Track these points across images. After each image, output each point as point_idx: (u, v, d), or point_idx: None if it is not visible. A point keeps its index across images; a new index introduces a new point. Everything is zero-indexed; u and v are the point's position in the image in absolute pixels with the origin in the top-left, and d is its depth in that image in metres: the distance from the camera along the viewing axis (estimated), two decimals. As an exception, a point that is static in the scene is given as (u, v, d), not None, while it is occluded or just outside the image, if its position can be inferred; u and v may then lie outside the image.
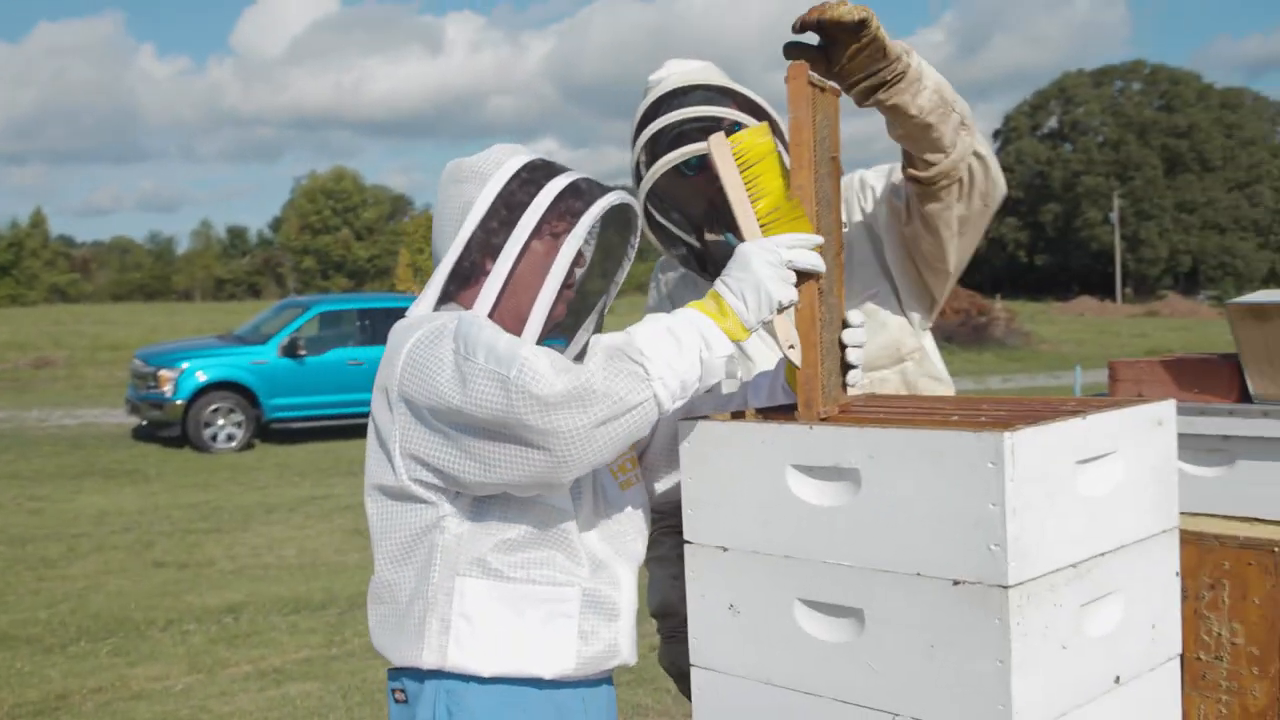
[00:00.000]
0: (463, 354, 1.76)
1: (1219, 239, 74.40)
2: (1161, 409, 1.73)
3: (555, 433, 1.67)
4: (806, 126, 1.75)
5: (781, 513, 1.66)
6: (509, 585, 1.89)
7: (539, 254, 1.97)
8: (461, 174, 2.03)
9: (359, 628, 7.07)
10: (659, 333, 1.74)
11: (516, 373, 1.68)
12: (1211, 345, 29.25)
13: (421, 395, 1.81)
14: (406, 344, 1.87)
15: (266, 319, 17.47)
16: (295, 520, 10.46)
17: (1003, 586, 1.45)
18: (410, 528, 1.91)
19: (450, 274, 1.98)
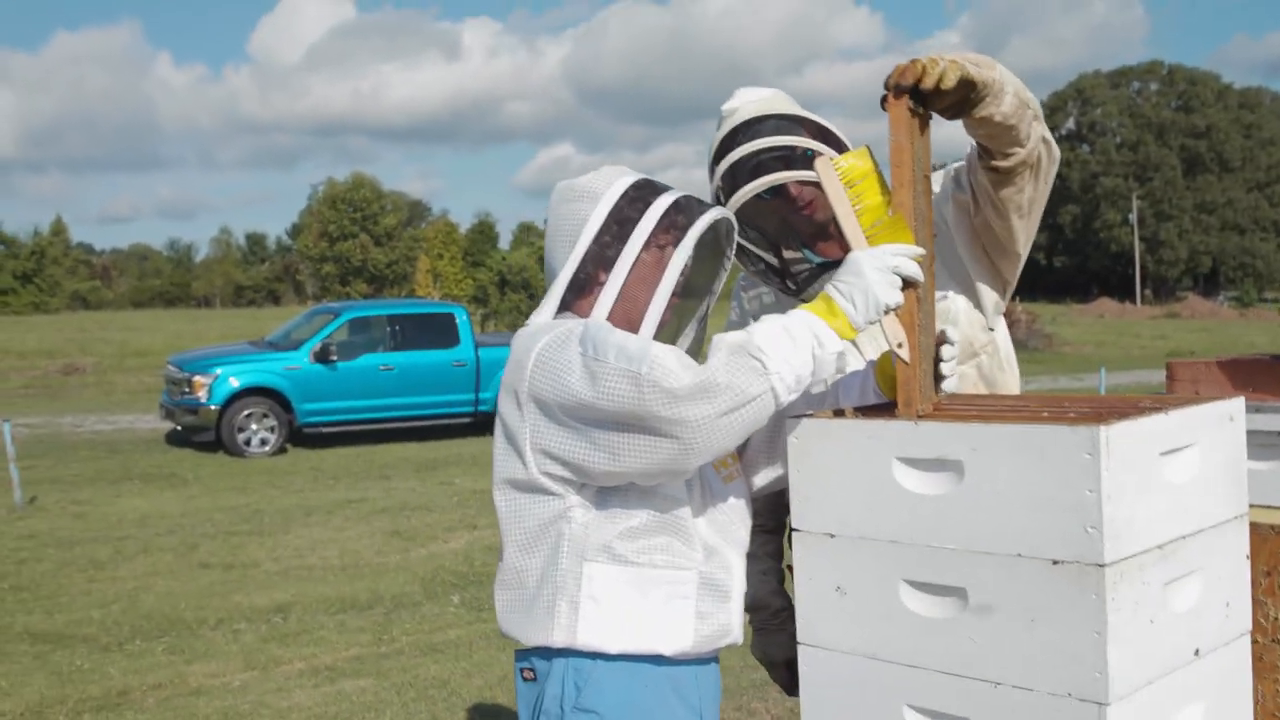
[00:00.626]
0: (592, 355, 1.93)
1: (1239, 239, 74.27)
2: (1232, 406, 1.89)
3: (683, 421, 1.85)
4: (907, 149, 1.91)
5: (887, 501, 1.83)
6: (633, 569, 2.06)
7: (648, 265, 2.15)
8: (574, 194, 2.22)
9: (406, 626, 7.25)
10: (776, 331, 1.91)
11: (648, 369, 1.85)
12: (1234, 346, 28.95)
13: (552, 394, 1.98)
14: (535, 348, 2.04)
15: (298, 325, 17.68)
16: (334, 523, 10.64)
17: (1099, 565, 1.61)
18: (538, 518, 2.08)
19: (569, 285, 2.17)
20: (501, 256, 32.80)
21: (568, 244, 2.19)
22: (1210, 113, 73.91)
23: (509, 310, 29.49)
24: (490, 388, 16.82)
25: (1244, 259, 74.18)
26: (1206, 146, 73.98)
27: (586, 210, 2.18)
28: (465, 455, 15.15)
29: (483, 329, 26.32)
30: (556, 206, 2.25)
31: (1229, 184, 74.19)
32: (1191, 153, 74.52)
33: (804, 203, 2.42)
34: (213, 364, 15.70)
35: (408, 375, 16.41)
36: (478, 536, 9.88)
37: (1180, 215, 73.99)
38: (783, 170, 2.38)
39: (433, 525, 10.41)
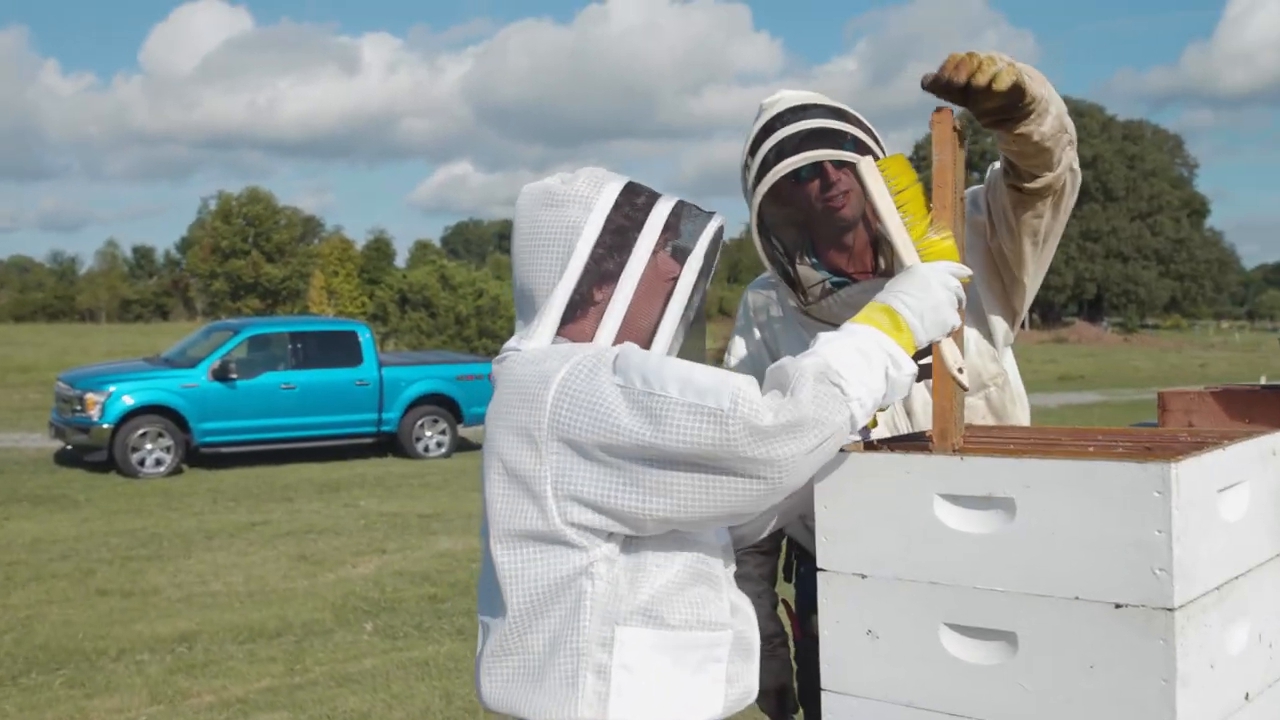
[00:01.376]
0: (642, 389, 1.71)
1: (1122, 267, 76.43)
2: (1274, 440, 1.83)
3: (772, 461, 1.65)
4: (950, 169, 1.82)
5: (927, 541, 1.72)
6: (672, 633, 1.82)
7: (654, 279, 1.95)
8: (557, 199, 1.96)
9: (318, 655, 7.01)
10: (849, 351, 1.74)
11: (731, 405, 1.65)
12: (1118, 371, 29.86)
13: (591, 434, 1.73)
14: (553, 381, 1.79)
15: (195, 342, 17.21)
16: (238, 546, 10.30)
17: (1168, 609, 1.52)
18: (553, 574, 1.81)
19: (568, 303, 1.93)
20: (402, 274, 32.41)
21: (556, 257, 1.93)
22: (1096, 144, 75.95)
23: (410, 329, 29.09)
24: (393, 407, 16.55)
25: (1127, 286, 76.28)
26: (1092, 177, 75.93)
27: (578, 218, 1.93)
28: (370, 476, 14.84)
29: (382, 348, 25.93)
30: (533, 212, 1.98)
31: (1113, 213, 76.27)
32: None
33: (839, 192, 2.31)
34: (106, 381, 15.18)
35: (309, 394, 16.06)
36: (388, 561, 9.63)
37: (1067, 243, 75.77)
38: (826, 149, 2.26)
39: (340, 549, 10.14)
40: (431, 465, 16.01)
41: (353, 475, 14.94)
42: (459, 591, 8.48)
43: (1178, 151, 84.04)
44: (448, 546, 10.14)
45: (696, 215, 2.00)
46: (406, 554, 9.89)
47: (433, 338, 28.92)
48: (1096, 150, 75.90)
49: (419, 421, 16.84)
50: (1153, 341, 57.22)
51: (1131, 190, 76.75)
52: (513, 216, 2.04)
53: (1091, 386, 30.74)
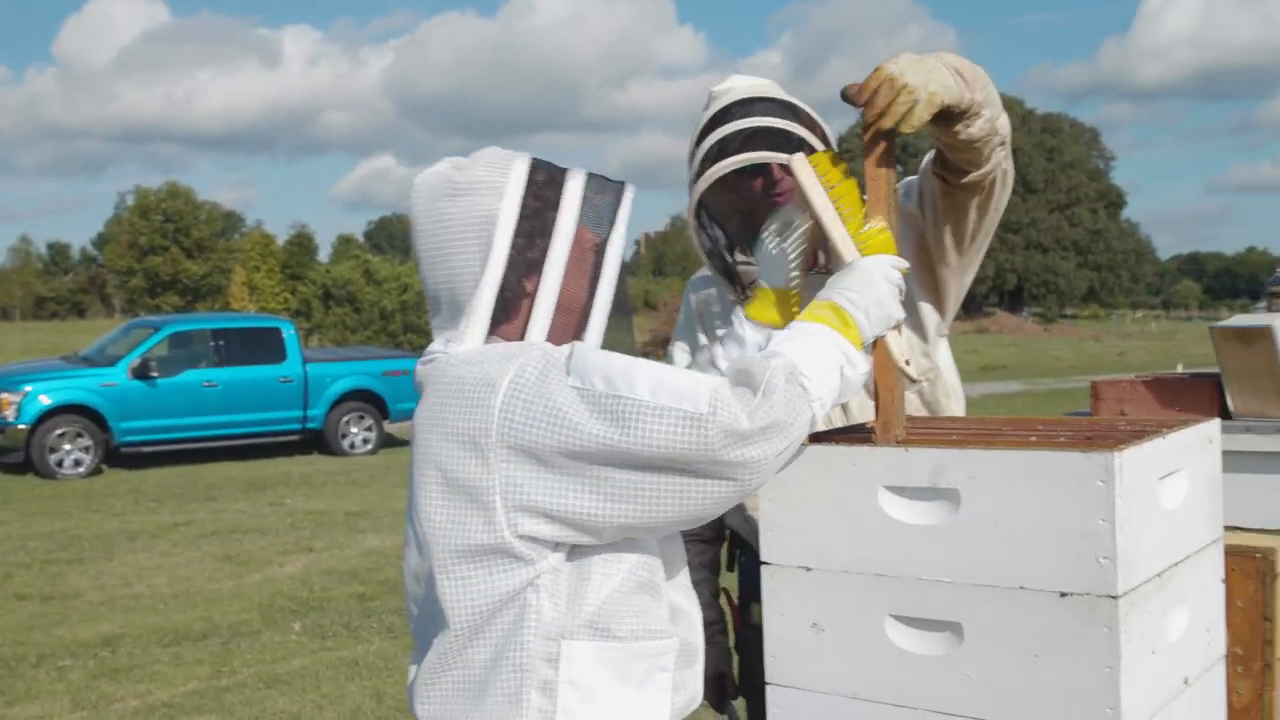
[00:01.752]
0: (605, 391, 1.64)
1: (1042, 258, 77.58)
2: (1211, 428, 1.85)
3: (746, 464, 1.61)
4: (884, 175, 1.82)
5: (872, 532, 1.72)
6: (619, 644, 1.76)
7: (580, 259, 1.86)
8: (458, 187, 1.84)
9: (246, 657, 6.91)
10: (808, 351, 1.72)
11: (710, 409, 1.60)
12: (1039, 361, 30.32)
13: (549, 439, 1.65)
14: (499, 385, 1.70)
15: (114, 340, 16.86)
16: (161, 548, 10.12)
17: (1112, 597, 1.53)
18: (498, 589, 1.73)
19: (496, 300, 1.82)
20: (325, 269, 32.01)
21: (475, 251, 1.81)
22: (1016, 136, 75.95)
23: (334, 324, 28.76)
24: (318, 404, 16.36)
25: (1047, 276, 77.46)
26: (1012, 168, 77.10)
27: (490, 206, 1.80)
28: (295, 474, 14.65)
29: (306, 344, 25.63)
30: (436, 205, 1.85)
31: (1032, 205, 77.37)
32: (998, 174, 77.57)
33: (783, 191, 2.28)
34: (22, 380, 14.83)
35: (232, 392, 15.82)
36: (315, 560, 9.52)
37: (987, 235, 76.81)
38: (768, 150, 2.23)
39: (266, 549, 10.00)
40: (358, 462, 15.85)
41: (278, 473, 14.74)
42: (388, 589, 8.40)
43: (1095, 144, 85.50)
44: (376, 544, 10.04)
45: (609, 186, 1.90)
46: (334, 552, 9.78)
47: (357, 333, 28.63)
48: (1016, 143, 75.93)
49: (345, 418, 16.66)
50: (1072, 331, 58.18)
51: (1050, 182, 77.93)
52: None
53: (1014, 376, 31.16)
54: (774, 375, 1.65)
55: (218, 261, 67.96)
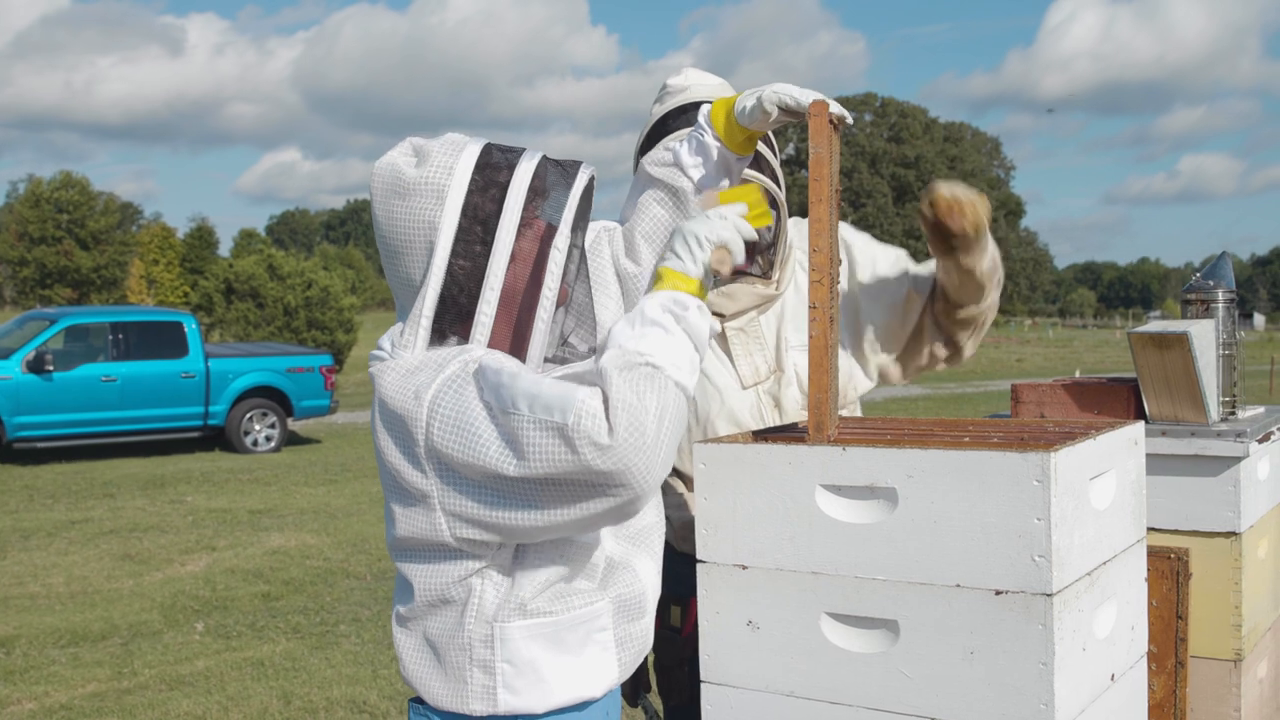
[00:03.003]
0: (499, 407, 1.69)
1: (943, 265, 78.99)
2: (1136, 431, 1.89)
3: (624, 471, 1.62)
4: (826, 162, 1.83)
5: (809, 531, 1.73)
6: (548, 619, 1.84)
7: (524, 261, 1.86)
8: (406, 186, 1.85)
9: (147, 658, 6.75)
10: (632, 328, 1.73)
11: (575, 420, 1.63)
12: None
13: (463, 453, 1.72)
14: (426, 393, 1.76)
15: (8, 332, 16.38)
16: (57, 546, 9.86)
17: (1046, 594, 1.56)
18: (449, 575, 1.84)
19: (438, 305, 1.85)
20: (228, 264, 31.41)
21: (417, 257, 1.85)
22: (919, 144, 78.32)
23: (236, 319, 28.20)
24: (220, 400, 16.08)
25: (948, 283, 78.98)
26: (915, 176, 78.29)
27: (432, 212, 1.82)
28: (196, 471, 14.36)
29: (208, 339, 25.17)
30: (386, 203, 1.87)
31: (934, 212, 78.77)
32: (901, 181, 78.71)
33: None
34: (-92, 373, 14.38)
35: (132, 386, 15.47)
36: (218, 558, 9.34)
37: (891, 240, 77.77)
38: None
39: (167, 547, 9.79)
40: (261, 460, 15.59)
41: (178, 470, 14.44)
42: (293, 589, 8.27)
43: (996, 154, 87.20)
44: (280, 543, 9.88)
45: (558, 177, 1.89)
46: (237, 551, 9.60)
47: (260, 329, 28.15)
48: (919, 151, 78.21)
49: (248, 415, 16.38)
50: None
51: (952, 190, 79.29)
52: (341, 206, 1.97)
53: (915, 381, 31.61)
54: (605, 373, 1.67)
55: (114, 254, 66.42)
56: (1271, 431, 2.61)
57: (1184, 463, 2.49)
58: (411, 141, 1.92)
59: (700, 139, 2.07)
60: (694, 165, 2.08)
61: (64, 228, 65.22)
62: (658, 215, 2.11)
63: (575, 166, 1.91)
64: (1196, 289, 2.63)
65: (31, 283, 65.20)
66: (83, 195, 66.04)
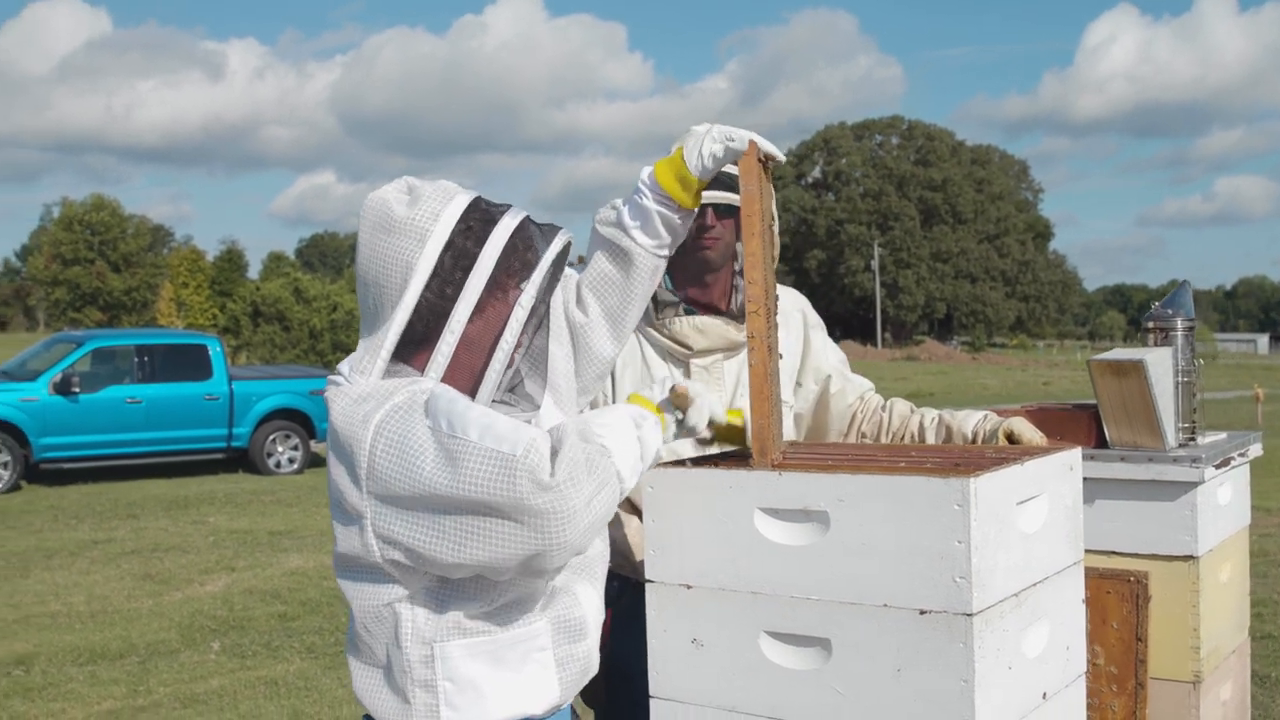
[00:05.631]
0: (447, 431, 1.75)
1: (971, 288, 78.78)
2: (1072, 456, 1.96)
3: (553, 513, 1.69)
4: (757, 198, 1.93)
5: (748, 552, 1.81)
6: (487, 638, 1.90)
7: (490, 312, 1.95)
8: (393, 224, 1.93)
9: (163, 676, 6.85)
10: (597, 418, 1.84)
11: (524, 453, 1.69)
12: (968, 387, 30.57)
13: (400, 476, 1.78)
14: (373, 420, 1.83)
15: (36, 354, 16.62)
16: (79, 566, 10.00)
17: (967, 614, 1.63)
18: (381, 597, 1.91)
19: (400, 341, 1.93)
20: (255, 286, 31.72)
21: (391, 291, 1.92)
22: (946, 167, 78.29)
23: (263, 342, 28.51)
24: (244, 422, 16.22)
25: (975, 306, 78.68)
26: (942, 199, 78.24)
27: (411, 253, 1.91)
28: (219, 493, 14.51)
29: (234, 361, 25.41)
30: (373, 236, 1.95)
31: (962, 235, 78.58)
32: (929, 204, 78.69)
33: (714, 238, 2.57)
34: (-63, 394, 14.59)
35: (157, 408, 15.64)
36: (237, 579, 9.45)
37: (918, 263, 77.91)
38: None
39: (188, 567, 9.91)
40: (283, 481, 15.73)
41: (202, 492, 14.59)
42: (309, 609, 8.37)
43: (1024, 176, 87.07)
44: (299, 564, 9.99)
45: (536, 239, 1.98)
46: (256, 572, 9.71)
47: (286, 351, 28.41)
48: (946, 173, 78.13)
49: (270, 437, 16.53)
50: (1000, 360, 59.03)
51: (980, 213, 79.16)
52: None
53: (940, 404, 31.53)
54: (565, 432, 1.77)
55: (145, 276, 67.09)
56: (1231, 457, 2.67)
57: (1142, 487, 2.55)
58: (408, 181, 2.02)
59: (638, 202, 2.18)
60: (634, 227, 2.19)
61: (95, 249, 65.97)
62: (604, 270, 2.22)
63: (553, 232, 2.00)
64: (1156, 318, 2.69)
65: (64, 305, 65.91)
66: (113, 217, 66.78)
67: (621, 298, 2.22)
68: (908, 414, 2.72)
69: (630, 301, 2.22)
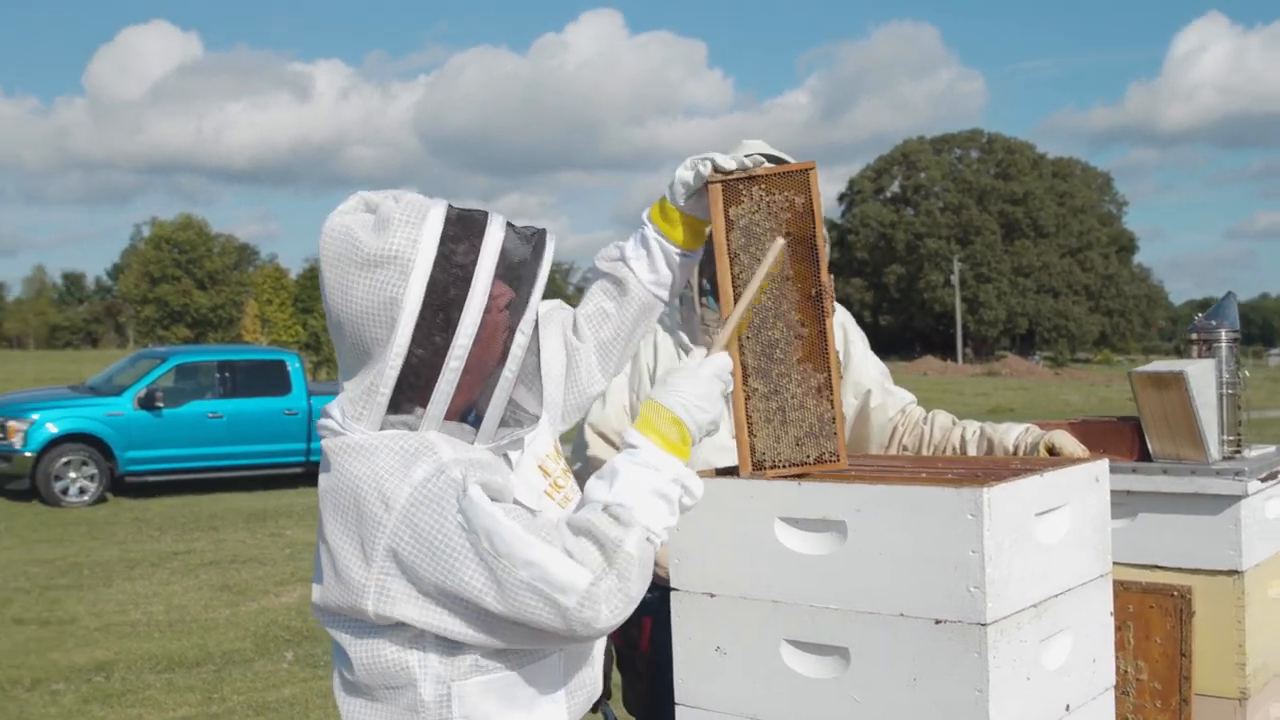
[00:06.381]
0: (489, 550, 1.69)
1: (1053, 302, 77.72)
2: (1099, 467, 1.96)
3: (600, 634, 1.70)
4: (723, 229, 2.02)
5: (769, 561, 1.83)
6: (500, 675, 1.84)
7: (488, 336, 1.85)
8: (368, 258, 1.78)
9: (237, 684, 6.99)
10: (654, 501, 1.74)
11: (578, 605, 1.66)
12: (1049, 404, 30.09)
13: (432, 575, 1.72)
14: (393, 505, 1.73)
15: (121, 369, 17.03)
16: (160, 576, 10.22)
17: (981, 624, 1.64)
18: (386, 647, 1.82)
19: (396, 386, 1.80)
20: (336, 303, 32.22)
21: (378, 331, 1.78)
22: (1027, 180, 77.41)
23: (343, 358, 28.97)
24: (323, 437, 16.44)
25: (1058, 321, 77.63)
26: (1023, 213, 77.33)
27: (394, 287, 1.76)
28: (297, 506, 14.74)
29: (314, 377, 25.80)
30: (343, 272, 1.79)
31: (1044, 249, 77.62)
32: (1010, 218, 77.82)
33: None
34: (29, 408, 14.98)
35: (237, 423, 15.92)
36: (311, 590, 9.59)
37: (999, 278, 77.09)
38: None
39: (264, 579, 10.09)
40: (360, 495, 15.90)
41: (280, 505, 14.83)
42: (380, 621, 8.47)
43: (1107, 189, 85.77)
44: (372, 576, 10.11)
45: (525, 245, 1.88)
46: (330, 583, 9.85)
47: (366, 367, 28.77)
48: (1028, 187, 77.22)
49: (348, 451, 16.72)
50: (1083, 376, 58.08)
51: (1062, 226, 78.14)
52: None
53: (1021, 419, 31.07)
54: (626, 562, 1.69)
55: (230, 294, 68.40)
56: (1278, 470, 2.64)
57: (1185, 501, 2.53)
58: (364, 199, 1.88)
59: (640, 233, 2.16)
60: (636, 258, 2.15)
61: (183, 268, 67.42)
62: (600, 304, 2.18)
63: (540, 237, 1.90)
64: (1199, 329, 2.67)
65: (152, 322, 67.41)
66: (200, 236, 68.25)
67: (614, 330, 2.16)
68: (949, 426, 2.72)
69: (620, 334, 2.16)
